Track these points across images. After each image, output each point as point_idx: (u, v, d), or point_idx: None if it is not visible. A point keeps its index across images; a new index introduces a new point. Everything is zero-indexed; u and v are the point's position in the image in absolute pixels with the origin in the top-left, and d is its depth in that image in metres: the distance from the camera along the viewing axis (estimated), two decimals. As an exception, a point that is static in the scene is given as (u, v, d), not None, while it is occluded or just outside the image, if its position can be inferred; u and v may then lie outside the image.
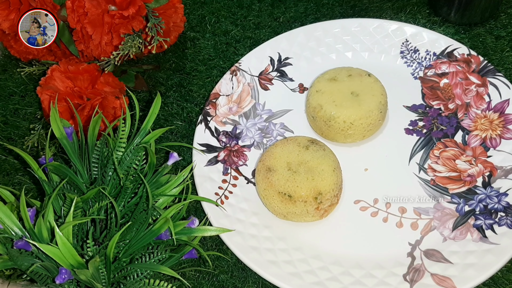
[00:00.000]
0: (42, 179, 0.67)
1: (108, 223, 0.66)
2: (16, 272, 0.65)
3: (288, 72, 0.86)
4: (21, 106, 0.86)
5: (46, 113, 0.78)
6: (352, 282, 0.67)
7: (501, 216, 0.70)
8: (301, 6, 0.95)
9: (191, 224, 0.65)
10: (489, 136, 0.77)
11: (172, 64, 0.90)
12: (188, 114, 0.84)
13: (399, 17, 0.92)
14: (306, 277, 0.67)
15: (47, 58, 0.88)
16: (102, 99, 0.77)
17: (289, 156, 0.72)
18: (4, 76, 0.90)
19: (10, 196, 0.66)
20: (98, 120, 0.69)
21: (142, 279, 0.62)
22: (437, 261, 0.67)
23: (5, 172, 0.80)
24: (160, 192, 0.68)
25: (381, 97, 0.77)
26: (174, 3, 0.87)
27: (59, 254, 0.58)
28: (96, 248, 0.62)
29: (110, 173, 0.67)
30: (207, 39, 0.92)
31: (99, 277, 0.59)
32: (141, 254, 0.64)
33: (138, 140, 0.69)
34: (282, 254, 0.70)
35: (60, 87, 0.78)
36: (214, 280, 0.70)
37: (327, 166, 0.71)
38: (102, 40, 0.81)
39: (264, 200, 0.72)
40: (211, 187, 0.75)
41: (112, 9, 0.81)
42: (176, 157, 0.70)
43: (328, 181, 0.70)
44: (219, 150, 0.79)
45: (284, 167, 0.71)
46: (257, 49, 0.87)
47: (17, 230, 0.62)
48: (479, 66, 0.82)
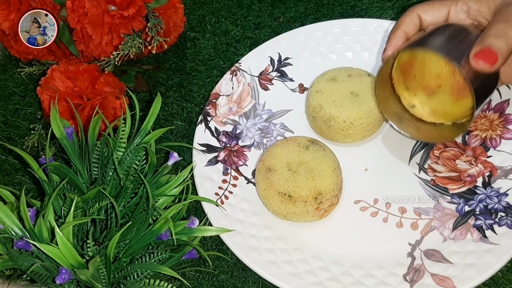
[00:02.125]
0: (43, 179, 0.67)
1: (108, 223, 0.66)
2: (16, 272, 0.65)
3: (288, 72, 0.86)
4: (21, 106, 0.86)
5: (46, 113, 0.78)
6: (352, 282, 0.67)
7: (501, 216, 0.70)
8: (301, 6, 0.95)
9: (191, 224, 0.65)
10: (489, 136, 0.77)
11: (172, 64, 0.90)
12: (188, 114, 0.84)
13: (399, 17, 0.92)
14: (306, 277, 0.67)
15: (47, 58, 0.88)
16: (102, 99, 0.77)
17: (289, 156, 0.72)
18: (4, 76, 0.90)
19: (10, 196, 0.66)
20: (99, 120, 0.69)
21: (142, 279, 0.62)
22: (437, 261, 0.67)
23: (5, 172, 0.80)
24: (160, 192, 0.68)
25: (381, 97, 0.77)
26: (174, 3, 0.87)
27: (59, 254, 0.58)
28: (96, 248, 0.62)
29: (110, 173, 0.67)
30: (207, 39, 0.92)
31: (99, 277, 0.59)
32: (141, 254, 0.64)
33: (138, 140, 0.69)
34: (282, 254, 0.70)
35: (60, 87, 0.78)
36: (214, 280, 0.70)
37: (327, 166, 0.71)
38: (102, 40, 0.81)
39: (264, 200, 0.72)
40: (211, 187, 0.75)
41: (112, 9, 0.81)
42: (176, 157, 0.70)
43: (328, 181, 0.70)
44: (219, 150, 0.79)
45: (284, 167, 0.71)
46: (257, 49, 0.87)
47: (17, 230, 0.62)
48: (479, 66, 0.82)
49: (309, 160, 0.71)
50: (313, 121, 0.79)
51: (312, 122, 0.79)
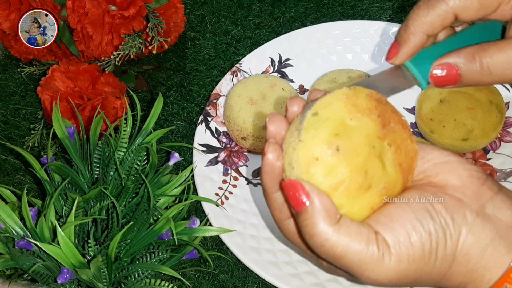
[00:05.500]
0: (44, 178, 0.67)
1: (110, 223, 0.66)
2: (17, 271, 0.65)
3: (288, 73, 0.86)
4: (22, 106, 0.86)
5: (47, 113, 0.79)
6: (352, 283, 0.67)
7: (500, 217, 0.70)
8: (301, 6, 0.95)
9: (192, 224, 0.66)
10: (489, 138, 0.77)
11: (173, 64, 0.90)
12: (189, 114, 0.84)
13: (399, 17, 0.92)
14: (306, 278, 0.67)
15: (47, 58, 0.88)
16: (102, 99, 0.77)
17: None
18: (4, 76, 0.89)
19: (11, 195, 0.66)
20: (100, 120, 0.70)
21: (143, 279, 0.62)
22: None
23: (5, 172, 0.80)
24: (161, 192, 0.68)
25: (381, 98, 0.77)
26: (175, 3, 0.87)
27: (60, 253, 0.58)
28: (97, 248, 0.62)
29: (111, 173, 0.68)
30: (207, 39, 0.92)
31: (101, 276, 0.60)
32: (142, 254, 0.64)
33: (139, 140, 0.70)
34: (282, 255, 0.70)
35: (60, 87, 0.78)
36: (215, 280, 0.70)
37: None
38: (103, 40, 0.81)
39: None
40: (211, 188, 0.75)
41: (112, 9, 0.81)
42: (177, 158, 0.70)
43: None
44: (220, 151, 0.79)
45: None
46: (258, 50, 0.87)
47: (18, 229, 0.62)
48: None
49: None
50: (313, 121, 0.79)
51: (312, 122, 0.79)
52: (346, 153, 0.42)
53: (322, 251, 0.44)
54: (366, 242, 0.43)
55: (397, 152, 0.45)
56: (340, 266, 0.44)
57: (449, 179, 0.46)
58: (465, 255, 0.44)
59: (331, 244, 0.43)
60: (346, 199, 0.43)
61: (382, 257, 0.43)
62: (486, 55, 0.49)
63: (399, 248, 0.43)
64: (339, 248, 0.43)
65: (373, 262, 0.43)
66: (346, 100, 0.44)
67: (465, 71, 0.50)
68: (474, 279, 0.45)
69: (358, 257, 0.43)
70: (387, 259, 0.43)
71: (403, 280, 0.44)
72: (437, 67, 0.50)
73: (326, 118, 0.43)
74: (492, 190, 0.46)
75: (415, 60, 0.51)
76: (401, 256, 0.43)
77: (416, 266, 0.44)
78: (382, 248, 0.43)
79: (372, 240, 0.43)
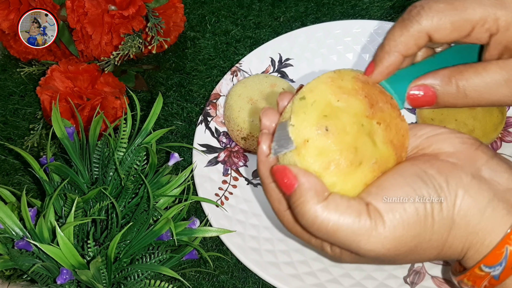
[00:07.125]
0: (43, 179, 0.67)
1: (109, 224, 0.66)
2: (16, 272, 0.65)
3: (288, 73, 0.86)
4: (21, 106, 0.86)
5: (46, 113, 0.78)
6: (352, 284, 0.67)
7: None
8: (302, 5, 0.95)
9: (192, 225, 0.65)
10: (489, 138, 0.77)
11: (172, 64, 0.90)
12: (188, 114, 0.84)
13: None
14: (307, 278, 0.67)
15: (46, 58, 0.87)
16: (102, 99, 0.77)
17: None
18: (3, 76, 0.89)
19: (10, 196, 0.66)
20: (100, 120, 0.69)
21: (143, 280, 0.62)
22: (437, 263, 0.67)
23: (4, 172, 0.80)
24: (161, 192, 0.68)
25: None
26: (174, 3, 0.87)
27: (60, 254, 0.58)
28: (97, 249, 0.62)
29: (111, 173, 0.67)
30: (207, 39, 0.92)
31: (100, 277, 0.59)
32: (141, 255, 0.64)
33: (139, 140, 0.69)
34: (282, 255, 0.70)
35: (60, 87, 0.78)
36: (214, 280, 0.70)
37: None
38: (102, 40, 0.81)
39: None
40: (211, 188, 0.75)
41: (112, 9, 0.81)
42: (177, 158, 0.70)
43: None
44: (219, 151, 0.79)
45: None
46: (258, 50, 0.86)
47: (18, 230, 0.62)
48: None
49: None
50: (313, 121, 0.79)
51: (313, 122, 0.79)
52: (335, 133, 0.44)
53: (314, 229, 0.44)
54: (357, 214, 0.43)
55: (387, 129, 0.46)
56: (336, 243, 0.45)
57: (442, 147, 0.47)
58: (463, 217, 0.44)
59: (321, 220, 0.43)
60: (337, 177, 0.44)
61: (375, 226, 0.43)
62: (462, 78, 0.49)
63: (392, 215, 0.43)
64: (329, 223, 0.43)
65: (366, 233, 0.43)
66: (332, 83, 0.46)
67: (442, 93, 0.50)
68: (475, 243, 0.45)
69: (351, 229, 0.43)
70: (380, 228, 0.43)
71: (401, 248, 0.44)
72: (414, 88, 0.50)
73: (313, 101, 0.45)
74: (487, 154, 0.46)
75: (392, 80, 0.51)
76: (395, 222, 0.43)
77: (413, 232, 0.44)
78: (375, 218, 0.43)
79: (363, 212, 0.43)
